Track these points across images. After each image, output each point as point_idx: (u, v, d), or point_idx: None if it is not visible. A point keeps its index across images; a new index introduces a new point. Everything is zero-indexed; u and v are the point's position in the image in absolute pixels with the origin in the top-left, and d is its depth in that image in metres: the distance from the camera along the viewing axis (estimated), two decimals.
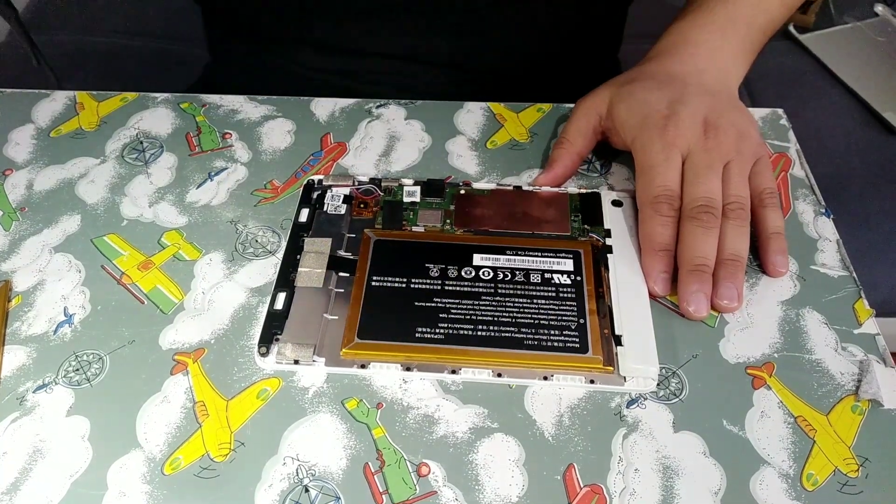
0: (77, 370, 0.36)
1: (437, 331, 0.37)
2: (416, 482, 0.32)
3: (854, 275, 0.40)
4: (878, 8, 1.07)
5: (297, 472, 0.33)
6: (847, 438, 0.34)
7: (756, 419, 0.34)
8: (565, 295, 0.38)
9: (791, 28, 1.05)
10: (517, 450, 0.33)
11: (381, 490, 0.32)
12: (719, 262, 0.39)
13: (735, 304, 0.38)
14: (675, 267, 0.39)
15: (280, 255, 0.41)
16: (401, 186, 0.45)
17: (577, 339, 0.36)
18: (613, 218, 0.43)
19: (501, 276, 0.39)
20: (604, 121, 0.46)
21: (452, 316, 0.37)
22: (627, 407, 0.35)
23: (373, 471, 0.33)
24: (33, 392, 0.35)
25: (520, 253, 0.40)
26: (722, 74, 0.46)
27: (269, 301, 0.38)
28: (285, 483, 0.32)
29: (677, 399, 0.35)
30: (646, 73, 0.46)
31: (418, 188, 0.44)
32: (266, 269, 0.41)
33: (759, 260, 0.41)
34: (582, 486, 0.32)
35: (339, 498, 0.32)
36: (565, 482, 0.32)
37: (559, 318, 0.37)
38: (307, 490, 0.32)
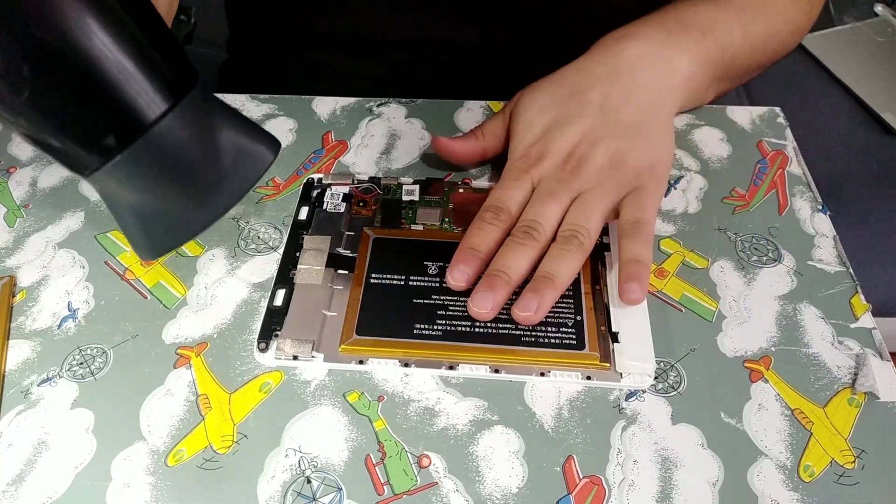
0: (81, 364, 0.37)
1: (435, 327, 0.37)
2: (417, 473, 0.33)
3: (850, 270, 0.41)
4: (878, 8, 1.08)
5: (299, 464, 0.33)
6: (844, 430, 0.34)
7: (754, 412, 0.35)
8: (562, 292, 0.39)
9: None
10: (517, 442, 0.34)
11: (382, 481, 0.32)
12: (533, 277, 0.38)
13: (530, 315, 0.36)
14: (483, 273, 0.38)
15: (282, 251, 0.42)
16: (400, 185, 0.45)
17: (574, 336, 0.37)
18: None
19: None
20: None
21: (450, 313, 0.38)
22: (626, 400, 0.35)
23: (374, 462, 0.33)
24: (38, 385, 0.36)
25: None
26: (658, 70, 0.44)
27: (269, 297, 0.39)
28: (287, 474, 0.33)
29: (675, 392, 0.35)
30: (563, 79, 0.45)
31: (417, 187, 0.45)
32: (268, 265, 0.41)
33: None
34: (581, 477, 0.33)
35: (341, 489, 0.32)
36: (565, 473, 0.33)
37: (556, 314, 0.38)
38: (309, 481, 0.32)
